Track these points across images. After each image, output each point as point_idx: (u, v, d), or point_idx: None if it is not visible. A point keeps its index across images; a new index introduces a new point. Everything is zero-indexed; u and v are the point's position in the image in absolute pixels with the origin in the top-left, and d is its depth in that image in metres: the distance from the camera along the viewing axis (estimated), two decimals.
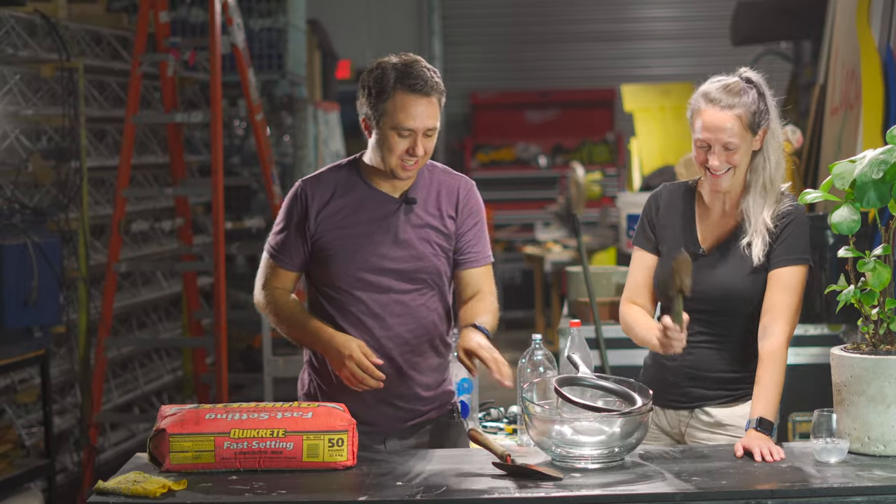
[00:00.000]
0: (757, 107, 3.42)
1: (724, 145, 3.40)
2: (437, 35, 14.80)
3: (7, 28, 6.11)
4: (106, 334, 6.45)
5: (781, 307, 3.39)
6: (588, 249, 9.66)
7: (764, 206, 3.44)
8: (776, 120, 3.48)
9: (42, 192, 6.49)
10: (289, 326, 3.50)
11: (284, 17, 8.57)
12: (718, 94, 3.42)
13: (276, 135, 8.78)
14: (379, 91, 3.38)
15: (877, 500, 2.92)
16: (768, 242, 3.42)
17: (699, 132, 3.42)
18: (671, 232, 3.55)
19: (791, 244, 3.42)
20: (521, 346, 13.00)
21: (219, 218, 6.32)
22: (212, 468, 3.11)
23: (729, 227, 3.51)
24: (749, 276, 3.44)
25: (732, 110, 3.39)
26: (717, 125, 3.39)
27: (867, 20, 5.80)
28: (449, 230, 3.51)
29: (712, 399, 3.50)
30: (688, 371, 3.50)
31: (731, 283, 3.44)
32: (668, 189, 3.64)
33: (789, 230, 3.42)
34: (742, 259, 3.44)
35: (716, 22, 13.28)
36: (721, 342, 3.49)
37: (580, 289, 5.21)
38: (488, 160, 14.24)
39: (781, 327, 3.38)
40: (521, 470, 3.06)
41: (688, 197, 3.58)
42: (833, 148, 6.13)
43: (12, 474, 5.72)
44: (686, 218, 3.56)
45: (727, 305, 3.46)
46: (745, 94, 3.42)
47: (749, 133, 3.42)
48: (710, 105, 3.41)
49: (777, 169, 3.46)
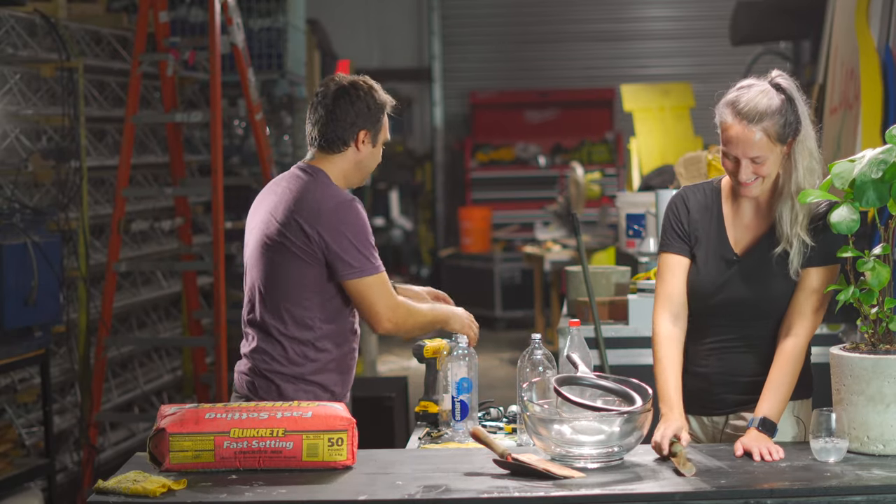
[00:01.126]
0: (786, 119, 3.33)
1: (752, 159, 3.33)
2: (436, 35, 14.80)
3: (7, 28, 6.11)
4: (106, 334, 6.45)
5: (808, 308, 3.38)
6: (587, 249, 9.66)
7: (796, 216, 3.37)
8: (808, 126, 3.38)
9: (42, 192, 6.49)
10: (428, 321, 3.75)
11: (284, 17, 8.57)
12: (746, 107, 3.32)
13: (275, 134, 8.78)
14: (378, 107, 3.69)
15: (876, 500, 2.93)
16: (804, 252, 3.37)
17: (726, 145, 3.36)
18: (704, 235, 3.50)
19: (824, 246, 3.36)
20: (520, 345, 13.06)
21: (218, 218, 6.32)
22: (211, 468, 3.12)
23: (761, 231, 3.45)
24: (783, 284, 3.40)
25: (760, 124, 3.30)
26: (745, 140, 3.32)
27: (866, 20, 5.80)
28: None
29: (747, 403, 3.43)
30: (721, 377, 3.46)
31: (765, 292, 3.41)
32: (692, 191, 3.56)
33: (824, 234, 3.36)
34: (777, 267, 3.39)
35: (715, 22, 13.29)
36: (753, 346, 3.45)
37: (580, 288, 5.21)
38: (488, 160, 14.24)
39: (805, 328, 3.37)
40: (523, 468, 3.06)
41: (714, 199, 3.52)
42: (832, 147, 6.14)
43: (12, 474, 5.72)
44: (717, 221, 3.50)
45: (760, 312, 3.43)
46: (773, 104, 3.32)
47: (778, 145, 3.34)
48: (736, 119, 3.32)
49: (807, 176, 3.36)
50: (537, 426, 3.15)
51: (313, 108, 3.70)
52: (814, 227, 3.38)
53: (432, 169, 14.94)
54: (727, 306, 3.42)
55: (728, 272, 3.45)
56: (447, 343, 3.88)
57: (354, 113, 3.65)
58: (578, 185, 10.65)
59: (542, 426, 3.14)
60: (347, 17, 14.37)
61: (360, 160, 3.69)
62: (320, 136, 3.68)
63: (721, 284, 3.45)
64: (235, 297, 8.28)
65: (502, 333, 12.58)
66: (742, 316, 3.44)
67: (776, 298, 3.41)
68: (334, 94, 3.66)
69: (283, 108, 8.85)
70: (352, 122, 3.66)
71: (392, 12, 14.79)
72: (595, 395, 3.31)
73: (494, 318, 12.79)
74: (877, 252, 3.21)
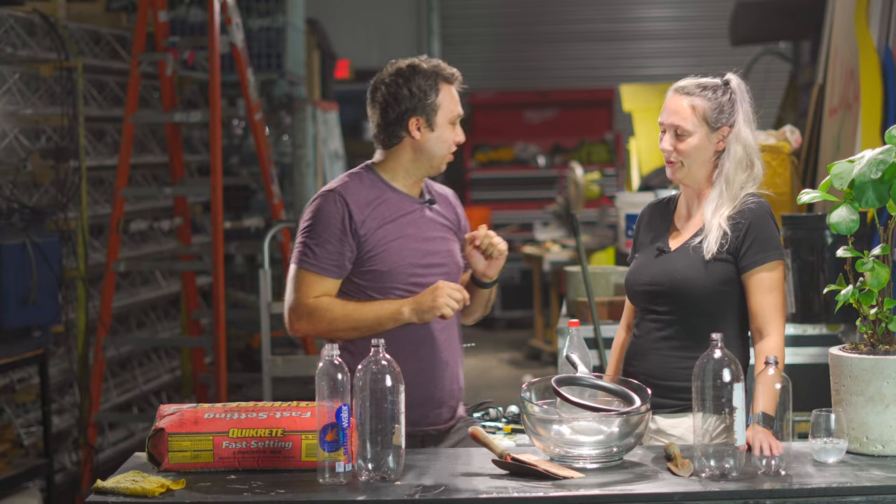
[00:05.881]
0: (721, 106, 3.46)
1: (675, 129, 3.46)
2: (436, 35, 14.80)
3: (6, 27, 6.11)
4: (105, 334, 6.45)
5: (769, 308, 3.40)
6: (587, 249, 9.67)
7: (719, 205, 3.45)
8: (746, 126, 3.48)
9: (41, 192, 6.49)
10: (356, 319, 3.48)
11: (283, 17, 8.57)
12: (686, 83, 3.51)
13: (274, 134, 8.78)
14: (422, 90, 3.51)
15: (875, 500, 2.92)
16: (728, 238, 3.41)
17: (660, 117, 3.51)
18: (649, 238, 3.60)
19: (759, 244, 3.41)
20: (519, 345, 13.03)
21: (218, 217, 6.32)
22: (210, 468, 3.12)
23: (696, 228, 3.53)
24: (697, 268, 3.43)
25: (690, 98, 3.46)
26: (672, 109, 3.48)
27: (866, 20, 5.80)
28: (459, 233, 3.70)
29: (661, 408, 3.47)
30: (642, 377, 3.45)
31: (678, 272, 3.45)
32: (651, 205, 3.72)
33: (753, 230, 3.41)
34: (693, 252, 3.46)
35: (715, 22, 13.29)
36: (677, 348, 3.47)
37: (579, 288, 5.21)
38: (487, 160, 14.25)
39: (774, 327, 3.39)
40: (522, 468, 3.06)
41: (670, 205, 3.64)
42: (832, 148, 6.14)
43: (11, 474, 5.72)
44: (664, 224, 3.60)
45: (679, 298, 3.45)
46: (712, 90, 3.47)
47: (705, 126, 3.45)
48: (674, 93, 3.50)
49: (737, 170, 3.45)
50: (536, 426, 3.15)
51: (367, 106, 3.63)
52: (738, 223, 3.42)
53: None
54: (648, 295, 3.51)
55: (654, 263, 3.52)
56: None
57: (397, 103, 3.52)
58: (578, 185, 10.65)
59: (541, 426, 3.14)
60: (347, 16, 14.37)
61: (421, 148, 3.54)
62: (375, 135, 3.61)
63: (644, 275, 3.54)
64: (234, 298, 8.28)
65: (501, 333, 12.58)
66: (664, 306, 3.48)
67: (688, 282, 3.43)
68: (372, 89, 3.59)
69: (283, 108, 8.86)
70: (399, 114, 3.53)
71: (392, 12, 14.79)
72: (594, 395, 3.31)
73: (494, 318, 12.79)
74: (876, 253, 3.21)
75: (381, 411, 2.95)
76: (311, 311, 3.50)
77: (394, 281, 3.51)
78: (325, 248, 3.49)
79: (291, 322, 3.55)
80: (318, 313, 3.49)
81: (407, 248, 3.54)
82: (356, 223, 3.50)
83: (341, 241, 3.49)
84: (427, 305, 3.44)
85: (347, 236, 3.49)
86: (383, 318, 3.47)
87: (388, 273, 3.51)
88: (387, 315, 3.47)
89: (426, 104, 3.51)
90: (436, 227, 3.62)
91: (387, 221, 3.53)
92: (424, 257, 3.56)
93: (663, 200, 3.69)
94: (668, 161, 3.51)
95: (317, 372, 2.99)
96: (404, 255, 3.53)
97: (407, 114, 3.52)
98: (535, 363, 10.72)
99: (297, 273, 3.53)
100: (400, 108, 3.52)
